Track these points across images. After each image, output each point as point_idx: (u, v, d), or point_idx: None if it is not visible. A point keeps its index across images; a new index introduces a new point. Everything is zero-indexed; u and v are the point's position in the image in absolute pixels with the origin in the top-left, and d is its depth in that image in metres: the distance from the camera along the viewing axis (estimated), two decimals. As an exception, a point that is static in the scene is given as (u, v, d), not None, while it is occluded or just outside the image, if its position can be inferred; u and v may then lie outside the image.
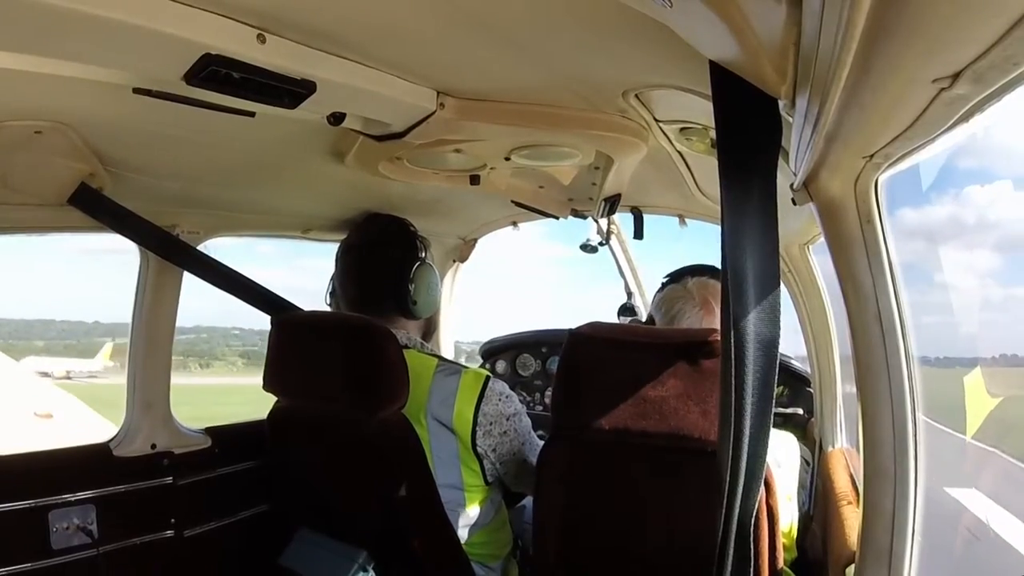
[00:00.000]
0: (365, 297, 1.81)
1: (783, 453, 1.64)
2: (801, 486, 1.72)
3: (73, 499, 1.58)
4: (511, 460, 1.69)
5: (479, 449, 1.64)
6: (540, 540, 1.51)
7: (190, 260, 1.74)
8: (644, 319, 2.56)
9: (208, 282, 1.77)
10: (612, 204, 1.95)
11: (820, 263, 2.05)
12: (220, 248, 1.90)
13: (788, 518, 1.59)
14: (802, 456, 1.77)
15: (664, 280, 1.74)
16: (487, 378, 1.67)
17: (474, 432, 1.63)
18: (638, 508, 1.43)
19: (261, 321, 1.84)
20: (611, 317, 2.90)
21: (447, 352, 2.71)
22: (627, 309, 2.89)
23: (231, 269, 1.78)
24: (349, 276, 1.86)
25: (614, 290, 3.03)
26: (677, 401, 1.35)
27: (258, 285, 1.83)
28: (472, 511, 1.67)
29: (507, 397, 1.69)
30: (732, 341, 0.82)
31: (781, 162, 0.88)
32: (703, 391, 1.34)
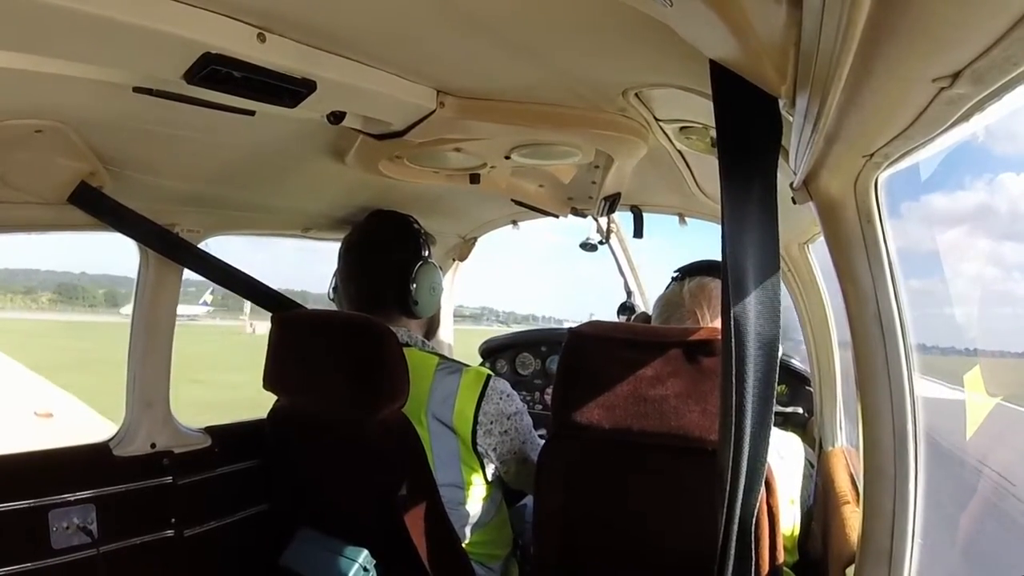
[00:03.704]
0: (366, 295, 1.81)
1: (786, 454, 1.63)
2: (805, 489, 1.71)
3: (73, 499, 1.58)
4: (512, 459, 1.69)
5: (480, 448, 1.64)
6: (540, 540, 1.51)
7: (191, 257, 1.74)
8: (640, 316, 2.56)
9: (209, 279, 1.77)
10: (612, 203, 1.95)
11: (820, 262, 2.05)
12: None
13: (790, 521, 1.59)
14: (807, 459, 1.76)
15: (673, 275, 1.73)
16: (488, 376, 1.67)
17: (475, 431, 1.63)
18: (638, 508, 1.43)
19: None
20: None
21: (446, 335, 2.71)
22: (627, 308, 2.89)
23: (232, 266, 1.78)
24: (351, 274, 1.85)
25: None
26: (677, 400, 1.35)
27: (259, 282, 1.83)
28: (472, 510, 1.67)
29: (508, 396, 1.69)
30: (732, 339, 0.82)
31: (781, 161, 0.88)
32: (703, 390, 1.34)
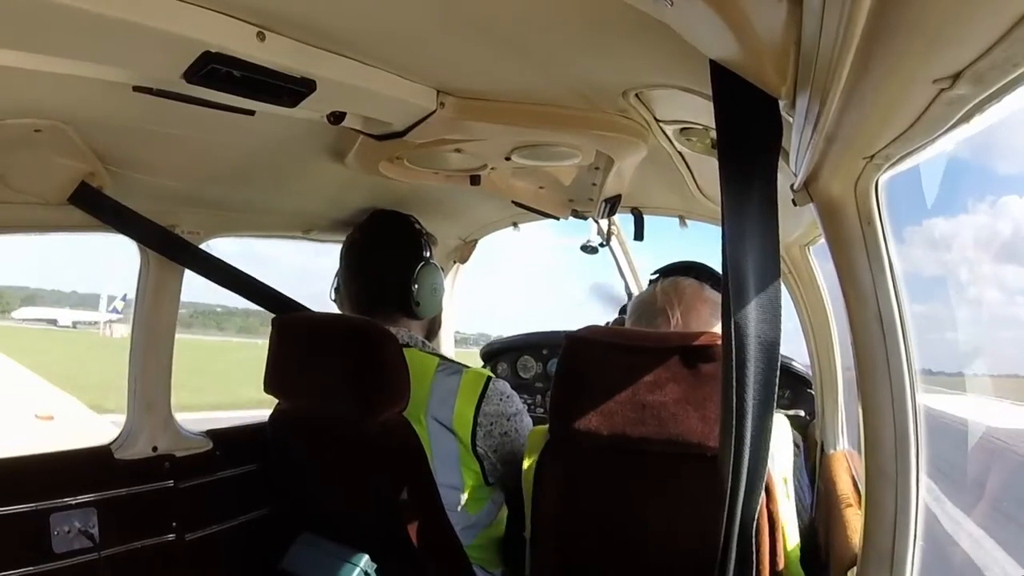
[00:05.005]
0: (368, 296, 1.81)
1: (774, 439, 1.60)
2: (795, 470, 1.68)
3: (74, 502, 1.58)
4: (512, 460, 1.68)
5: (479, 449, 1.64)
6: (536, 548, 1.50)
7: (193, 258, 1.74)
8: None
9: (211, 280, 1.76)
10: (612, 205, 1.94)
11: (820, 263, 2.04)
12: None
13: (785, 505, 1.57)
14: (794, 441, 1.74)
15: (651, 277, 1.72)
16: (488, 378, 1.67)
17: (474, 433, 1.62)
18: (637, 514, 1.42)
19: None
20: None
21: (447, 345, 2.71)
22: (627, 310, 2.88)
23: (234, 267, 1.78)
24: (352, 274, 1.85)
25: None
26: (676, 407, 1.34)
27: (262, 283, 1.83)
28: (473, 512, 1.66)
29: (508, 397, 1.69)
30: (733, 342, 0.82)
31: (781, 162, 0.88)
32: (702, 396, 1.33)
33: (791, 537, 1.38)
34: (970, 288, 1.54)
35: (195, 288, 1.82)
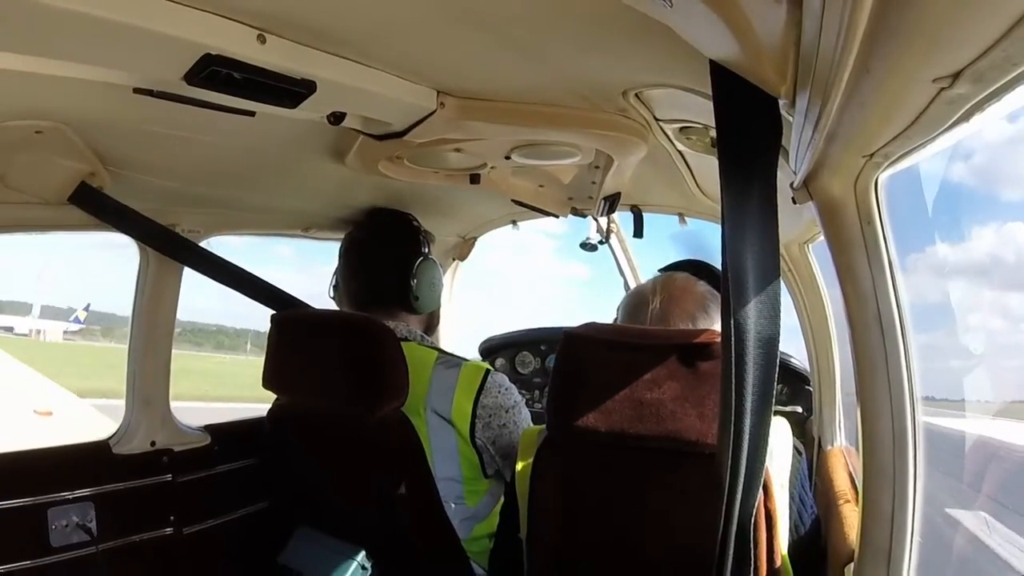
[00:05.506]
0: (367, 293, 1.82)
1: (774, 440, 1.60)
2: (794, 475, 1.69)
3: (72, 497, 1.58)
4: (511, 453, 1.69)
5: (478, 442, 1.65)
6: (534, 546, 1.50)
7: (193, 256, 1.74)
8: None
9: (211, 278, 1.76)
10: (612, 203, 1.95)
11: (820, 262, 2.05)
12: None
13: (783, 506, 1.58)
14: (794, 446, 1.74)
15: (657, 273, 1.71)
16: (487, 371, 1.68)
17: (473, 425, 1.63)
18: (635, 511, 1.41)
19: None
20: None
21: (447, 343, 2.70)
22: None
23: (234, 265, 1.78)
24: (351, 271, 1.86)
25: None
26: (674, 404, 1.33)
27: (262, 280, 1.83)
28: (471, 504, 1.67)
29: (507, 389, 1.70)
30: (732, 339, 0.82)
31: (781, 161, 0.88)
32: (700, 394, 1.32)
33: (784, 536, 1.38)
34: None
35: (188, 309, 1.83)
